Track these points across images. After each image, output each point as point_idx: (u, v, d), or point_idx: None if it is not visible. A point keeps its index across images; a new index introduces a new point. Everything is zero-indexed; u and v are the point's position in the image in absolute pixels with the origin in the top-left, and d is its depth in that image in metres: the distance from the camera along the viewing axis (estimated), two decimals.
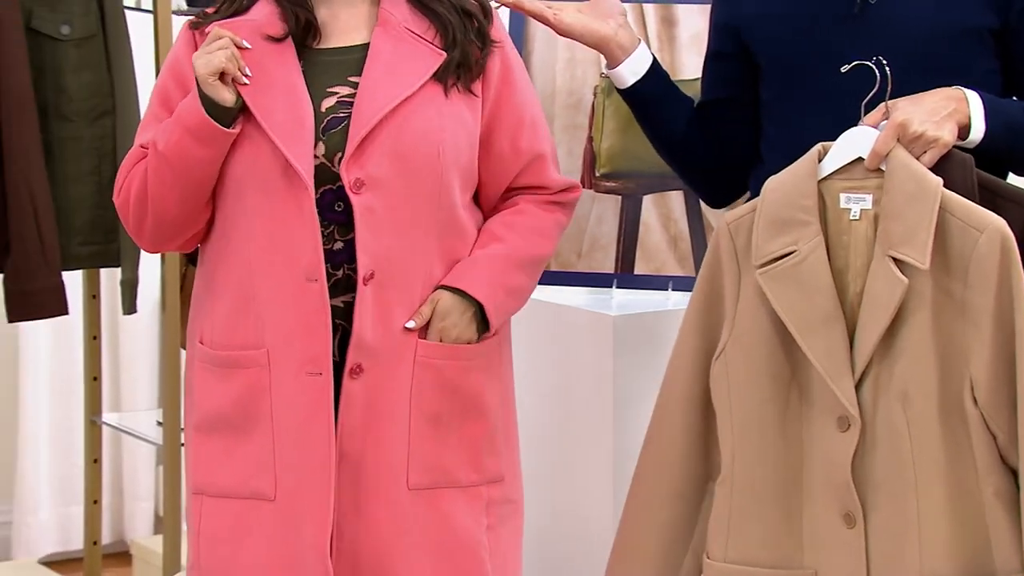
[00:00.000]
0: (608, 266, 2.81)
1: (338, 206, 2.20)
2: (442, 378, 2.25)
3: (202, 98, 2.18)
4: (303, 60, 2.24)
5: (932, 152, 2.10)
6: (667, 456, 2.21)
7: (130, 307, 3.39)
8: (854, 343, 2.08)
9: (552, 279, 2.82)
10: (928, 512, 2.06)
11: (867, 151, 2.11)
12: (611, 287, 2.81)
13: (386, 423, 2.22)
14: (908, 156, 2.09)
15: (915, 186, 2.06)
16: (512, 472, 2.35)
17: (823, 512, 2.11)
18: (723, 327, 2.17)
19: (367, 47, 2.25)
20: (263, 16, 2.26)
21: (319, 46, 2.26)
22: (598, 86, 2.80)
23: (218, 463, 2.26)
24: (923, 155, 2.10)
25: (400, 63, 2.23)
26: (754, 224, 2.13)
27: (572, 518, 2.82)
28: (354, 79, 2.23)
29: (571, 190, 2.37)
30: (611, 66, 2.44)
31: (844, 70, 2.14)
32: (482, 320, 2.27)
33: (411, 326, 2.23)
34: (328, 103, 2.22)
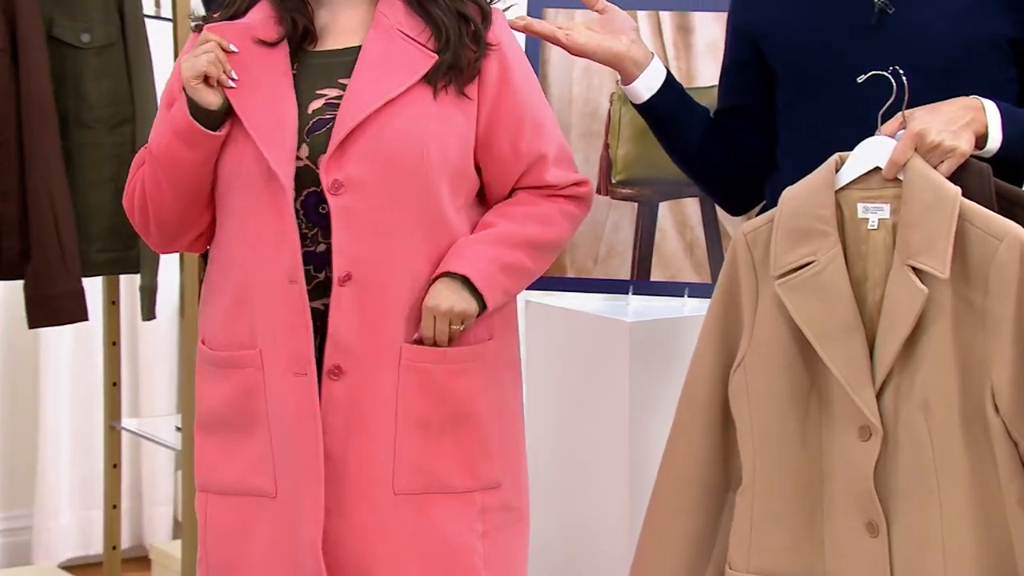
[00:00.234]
0: (624, 273, 2.81)
1: (322, 208, 2.21)
2: (429, 382, 2.24)
3: (188, 101, 2.21)
4: (298, 63, 2.26)
5: (949, 162, 2.10)
6: (687, 467, 2.22)
7: (149, 313, 3.40)
8: (874, 353, 2.08)
9: (568, 285, 2.83)
10: (951, 520, 2.06)
11: (884, 161, 2.11)
12: (627, 293, 2.81)
13: (370, 426, 2.22)
14: (926, 166, 2.09)
15: (933, 195, 2.06)
16: (512, 479, 2.33)
17: (845, 521, 2.11)
18: (741, 338, 2.17)
19: (360, 49, 2.25)
20: (258, 19, 2.27)
21: (316, 48, 2.27)
22: (614, 94, 2.81)
23: (219, 461, 2.29)
24: (940, 165, 2.10)
25: (389, 65, 2.23)
26: (772, 235, 2.13)
27: (588, 525, 2.82)
28: (344, 81, 2.23)
29: (579, 186, 2.35)
30: (626, 82, 2.43)
31: (860, 80, 2.13)
32: (477, 295, 2.23)
33: (415, 338, 2.23)
34: (315, 105, 2.23)
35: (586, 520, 2.82)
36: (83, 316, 3.20)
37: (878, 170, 2.11)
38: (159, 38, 3.39)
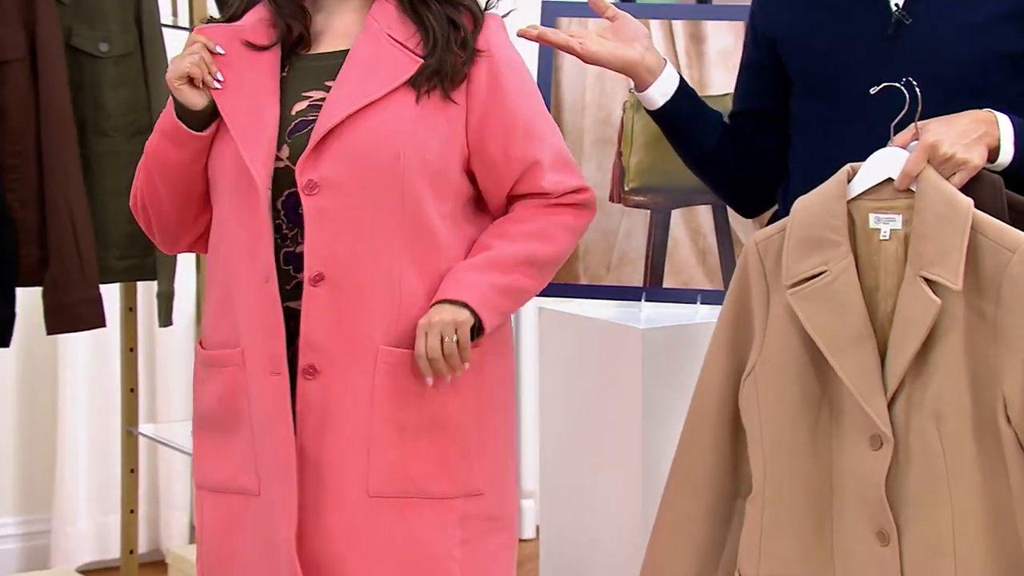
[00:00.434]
0: (637, 279, 2.82)
1: (301, 208, 2.22)
2: (405, 385, 2.22)
3: (174, 102, 2.25)
4: (289, 65, 2.27)
5: (961, 174, 2.10)
6: (697, 474, 2.22)
7: (166, 319, 3.42)
8: (885, 363, 2.08)
9: (581, 292, 2.84)
10: (963, 529, 2.06)
11: (897, 172, 2.11)
12: (640, 300, 2.82)
13: (344, 427, 2.21)
14: (938, 177, 2.09)
15: (946, 207, 2.06)
16: (496, 487, 2.30)
17: (856, 529, 2.11)
18: (752, 346, 2.17)
19: (348, 53, 2.26)
20: (251, 22, 2.29)
21: (308, 52, 2.29)
22: (627, 101, 2.82)
23: (211, 459, 2.31)
24: (952, 177, 2.10)
25: (374, 68, 2.23)
26: (784, 244, 2.14)
27: (600, 531, 2.83)
28: (329, 83, 2.24)
29: (577, 192, 2.31)
30: (640, 89, 2.43)
31: (873, 91, 2.14)
32: (474, 317, 2.21)
33: (429, 382, 2.21)
34: (299, 106, 2.24)
35: (598, 526, 2.83)
36: (101, 323, 3.21)
37: (890, 181, 2.11)
38: (176, 47, 3.39)
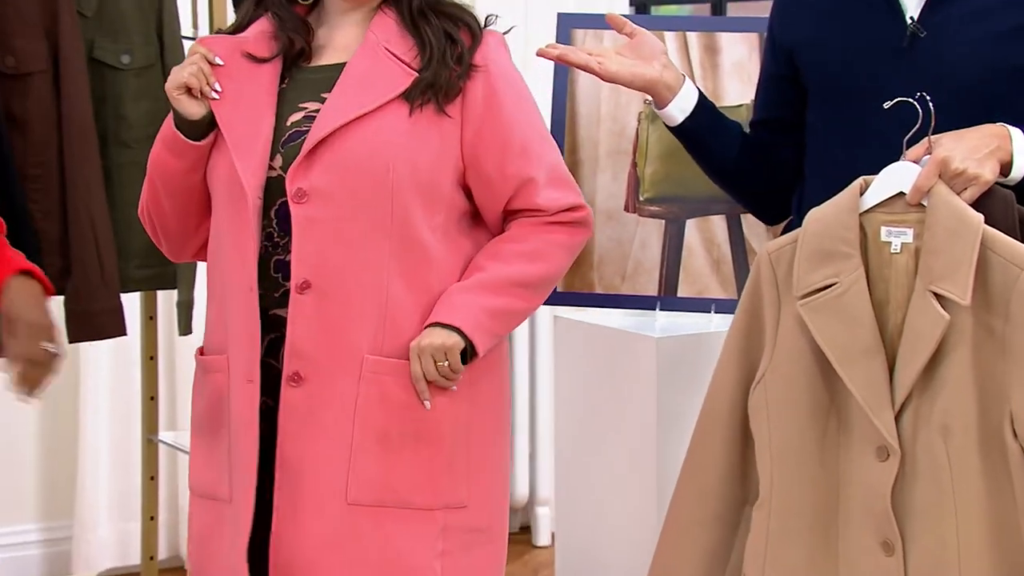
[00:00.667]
0: (652, 289, 2.82)
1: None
2: (390, 395, 2.23)
3: (173, 111, 2.28)
4: (289, 77, 2.30)
5: (972, 189, 2.11)
6: (705, 480, 2.23)
7: (186, 328, 3.45)
8: (894, 375, 2.09)
9: (597, 301, 2.85)
10: (967, 541, 2.07)
11: (909, 186, 2.12)
12: (655, 309, 2.83)
13: (327, 434, 2.22)
14: (950, 192, 2.10)
15: (956, 222, 2.07)
16: (482, 500, 2.30)
17: (861, 539, 2.12)
18: (763, 355, 2.18)
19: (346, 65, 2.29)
20: (253, 35, 2.32)
21: (309, 64, 2.31)
22: (642, 112, 2.82)
23: (198, 464, 2.34)
24: (964, 192, 2.11)
25: (369, 81, 2.25)
26: (795, 255, 2.14)
27: (615, 539, 2.83)
28: (325, 95, 2.26)
29: (573, 210, 2.31)
30: (659, 107, 2.44)
31: (887, 106, 2.14)
32: (465, 341, 2.22)
33: (427, 406, 2.23)
34: (295, 117, 2.27)
35: (613, 533, 2.83)
36: (122, 331, 3.24)
37: (902, 195, 2.12)
38: None
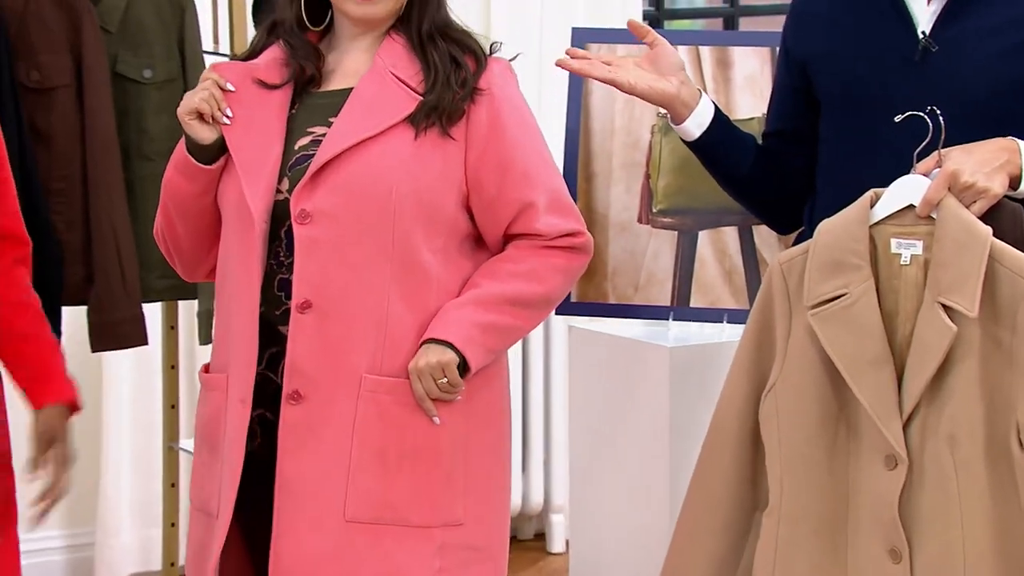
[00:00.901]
0: (664, 299, 2.84)
1: None
2: (388, 413, 2.24)
3: (185, 136, 2.31)
4: (299, 103, 2.32)
5: (981, 202, 2.12)
6: (716, 487, 2.24)
7: (206, 337, 3.45)
8: (902, 385, 2.10)
9: (610, 311, 2.86)
10: (973, 550, 2.08)
11: (918, 199, 2.13)
12: (667, 319, 2.85)
13: (326, 452, 2.23)
14: (959, 205, 2.11)
15: (965, 235, 2.08)
16: (479, 518, 2.30)
17: (868, 547, 2.13)
18: (773, 364, 2.19)
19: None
20: (265, 61, 2.35)
21: (318, 90, 2.34)
22: (655, 125, 2.84)
23: (196, 478, 2.38)
24: (973, 205, 2.12)
25: (375, 105, 2.27)
26: (806, 266, 2.15)
27: (628, 545, 2.84)
28: (332, 120, 2.29)
29: (572, 236, 2.32)
30: (676, 122, 2.45)
31: (898, 120, 2.15)
32: (459, 356, 2.24)
33: (437, 422, 2.25)
34: (303, 142, 2.30)
35: (627, 540, 2.84)
36: (143, 340, 3.27)
37: (912, 207, 2.13)
38: None
